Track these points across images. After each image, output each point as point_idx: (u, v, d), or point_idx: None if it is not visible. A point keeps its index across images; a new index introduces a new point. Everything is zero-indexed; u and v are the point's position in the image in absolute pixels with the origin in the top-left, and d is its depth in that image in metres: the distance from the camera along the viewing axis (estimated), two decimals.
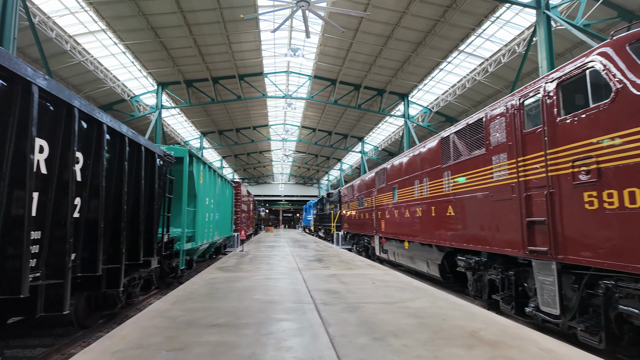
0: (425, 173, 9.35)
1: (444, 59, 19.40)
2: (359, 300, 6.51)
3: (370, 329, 4.84)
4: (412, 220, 9.99)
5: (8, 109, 3.11)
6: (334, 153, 45.56)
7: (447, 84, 22.38)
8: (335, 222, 23.26)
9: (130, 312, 7.49)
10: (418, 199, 9.64)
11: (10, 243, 3.17)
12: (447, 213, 8.28)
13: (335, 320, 5.23)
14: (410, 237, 10.05)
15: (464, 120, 7.92)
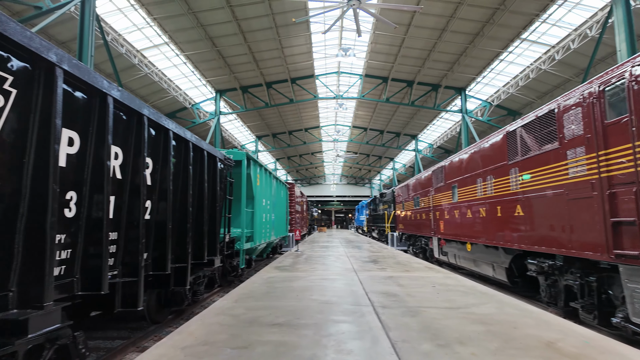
0: (488, 171, 8.79)
1: (505, 48, 18.21)
2: (419, 304, 6.28)
3: (434, 334, 4.62)
4: (474, 220, 9.46)
5: (88, 119, 3.38)
6: (386, 152, 44.79)
7: (509, 75, 20.99)
8: (390, 222, 22.81)
9: (195, 309, 7.88)
10: (481, 198, 9.10)
11: (91, 243, 3.43)
12: (514, 213, 7.72)
13: (395, 325, 5.08)
14: (473, 238, 9.52)
15: (532, 113, 7.33)
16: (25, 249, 2.72)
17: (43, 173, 2.73)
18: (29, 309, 2.71)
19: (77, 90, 3.25)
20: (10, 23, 2.44)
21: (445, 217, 11.43)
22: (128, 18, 15.32)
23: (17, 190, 2.66)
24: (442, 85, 23.21)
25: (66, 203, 3.14)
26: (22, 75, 2.69)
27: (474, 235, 9.50)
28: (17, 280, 2.70)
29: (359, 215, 45.08)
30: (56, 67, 2.81)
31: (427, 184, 13.74)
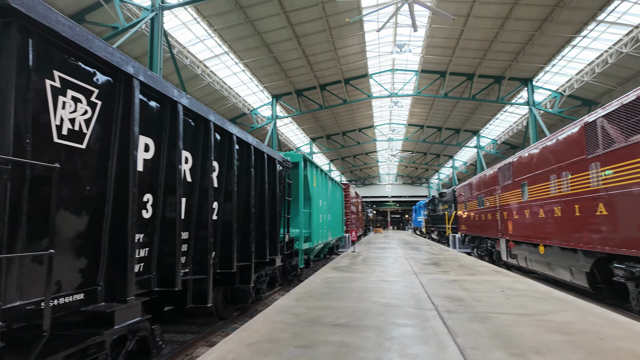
0: (564, 166, 8.04)
1: (577, 33, 16.63)
2: (487, 310, 5.93)
3: (506, 342, 4.31)
4: (548, 221, 8.71)
5: (161, 126, 3.63)
6: (445, 150, 43.08)
7: (583, 61, 19.12)
8: (451, 223, 21.85)
9: (258, 307, 8.13)
10: (555, 196, 8.36)
11: (166, 242, 3.67)
12: (596, 212, 6.98)
13: (462, 330, 4.82)
14: (546, 240, 8.78)
15: (617, 101, 6.58)
16: (110, 248, 2.97)
17: (124, 177, 2.97)
18: (114, 302, 2.95)
19: (151, 100, 3.50)
20: (96, 41, 2.69)
21: (514, 218, 10.68)
22: (191, 31, 16.33)
23: (102, 193, 2.92)
24: (505, 77, 21.79)
25: (143, 205, 3.39)
26: (105, 87, 2.95)
27: (547, 237, 8.76)
28: (104, 276, 2.96)
29: (417, 216, 43.80)
30: (134, 78, 3.04)
31: (492, 182, 12.94)
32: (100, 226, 2.89)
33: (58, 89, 2.49)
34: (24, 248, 2.31)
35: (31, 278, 2.38)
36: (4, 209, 2.19)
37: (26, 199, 2.31)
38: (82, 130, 2.69)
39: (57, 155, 2.49)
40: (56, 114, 2.47)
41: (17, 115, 2.22)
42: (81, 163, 2.69)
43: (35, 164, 2.28)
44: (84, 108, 2.70)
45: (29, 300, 2.37)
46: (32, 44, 2.31)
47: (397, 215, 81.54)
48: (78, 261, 2.74)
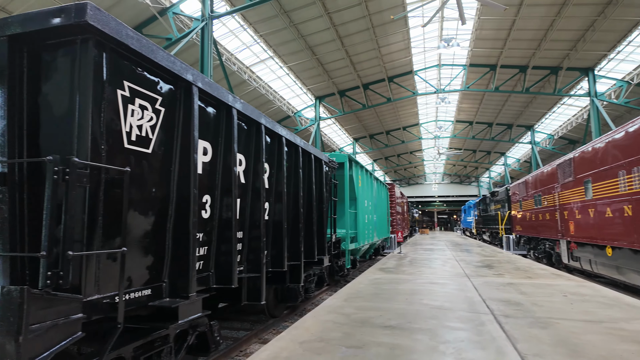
0: (635, 161, 7.34)
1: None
2: (548, 315, 5.60)
3: (573, 351, 4.03)
4: (616, 220, 8.01)
5: (217, 130, 3.79)
6: (496, 146, 41.08)
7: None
8: (504, 224, 20.78)
9: (307, 306, 8.24)
10: (625, 194, 7.65)
11: (222, 241, 3.82)
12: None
13: (522, 336, 4.58)
14: (615, 241, 8.07)
15: None
16: (173, 246, 3.15)
17: (186, 179, 3.14)
18: (177, 298, 3.12)
19: (208, 105, 3.68)
20: (159, 51, 2.87)
21: (576, 217, 9.93)
22: (238, 38, 16.91)
23: (166, 194, 3.10)
24: (563, 68, 20.36)
25: (203, 205, 3.56)
26: (168, 95, 3.14)
27: (616, 238, 8.05)
28: (168, 273, 3.14)
29: (466, 217, 42.13)
30: (193, 85, 3.21)
31: (550, 180, 12.13)
32: (164, 226, 3.08)
33: (127, 98, 2.69)
34: (100, 246, 2.51)
35: (106, 274, 2.59)
36: (84, 210, 2.39)
37: (102, 201, 2.52)
38: (148, 136, 2.88)
39: (127, 159, 2.69)
40: (126, 121, 2.67)
41: (94, 124, 2.42)
42: (148, 166, 2.89)
43: (109, 168, 2.47)
44: (150, 115, 2.89)
45: (105, 294, 2.57)
46: (106, 57, 2.52)
47: (445, 216, 78.96)
48: (145, 259, 2.94)
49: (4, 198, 2.41)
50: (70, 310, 2.26)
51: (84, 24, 2.28)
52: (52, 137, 2.49)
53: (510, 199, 19.79)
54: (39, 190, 2.51)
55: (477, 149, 43.42)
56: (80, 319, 2.33)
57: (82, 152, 2.37)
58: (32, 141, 2.51)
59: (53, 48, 2.50)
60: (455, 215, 71.73)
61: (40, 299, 2.05)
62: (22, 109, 2.48)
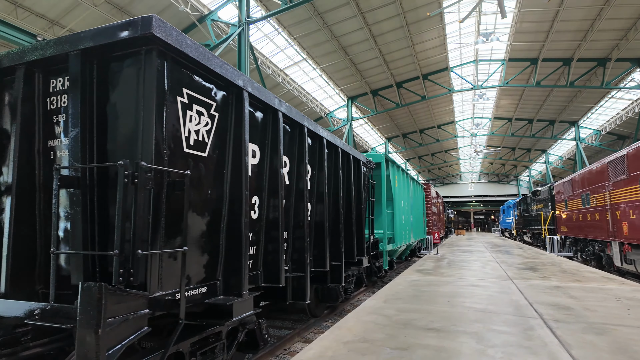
0: None
1: None
2: (603, 321, 5.33)
3: (634, 359, 3.81)
4: None
5: (265, 133, 3.90)
6: (537, 144, 39.31)
7: None
8: (547, 224, 19.85)
9: (346, 306, 8.25)
10: None
11: (270, 241, 3.92)
12: None
13: (576, 342, 4.39)
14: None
15: None
16: (226, 245, 3.27)
17: (237, 181, 3.25)
18: (230, 296, 3.23)
19: (257, 109, 3.79)
20: (214, 58, 3.00)
21: (631, 217, 9.33)
22: (273, 42, 17.21)
23: (220, 196, 3.23)
24: (612, 59, 19.20)
25: (252, 206, 3.67)
26: (221, 100, 3.26)
27: None
28: (221, 272, 3.26)
29: (505, 217, 40.58)
30: (243, 90, 3.32)
31: (600, 178, 11.46)
32: (218, 226, 3.20)
33: (186, 105, 2.83)
34: (162, 245, 2.66)
35: (168, 272, 2.73)
36: (149, 211, 2.54)
37: (164, 202, 2.66)
38: (204, 140, 3.01)
39: (186, 163, 2.83)
40: (185, 126, 2.81)
41: (157, 130, 2.56)
42: (204, 169, 3.02)
43: (171, 171, 2.61)
44: (206, 120, 3.02)
45: (167, 291, 2.71)
46: (167, 66, 2.66)
47: (481, 216, 76.41)
48: (202, 257, 3.07)
49: (78, 201, 2.60)
50: (138, 305, 2.40)
51: (149, 35, 2.42)
52: (119, 142, 2.66)
53: (554, 199, 18.86)
54: (106, 193, 2.69)
55: (517, 146, 41.73)
56: (147, 315, 2.47)
57: (147, 156, 2.51)
58: (101, 147, 2.69)
59: (119, 59, 2.68)
60: (492, 216, 69.28)
61: (114, 294, 2.20)
62: (92, 117, 2.67)
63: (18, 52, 2.88)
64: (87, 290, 2.03)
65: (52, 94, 2.90)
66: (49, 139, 2.92)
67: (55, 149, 2.89)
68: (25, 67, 2.86)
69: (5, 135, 3.04)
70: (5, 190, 2.99)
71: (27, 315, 2.47)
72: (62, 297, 2.59)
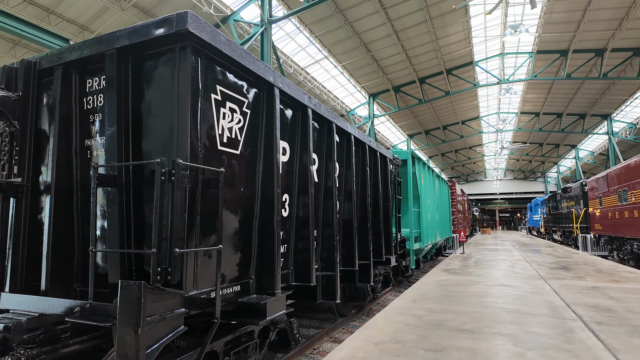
0: None
1: None
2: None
3: None
4: None
5: (294, 130, 3.85)
6: (566, 139, 37.88)
7: None
8: (579, 222, 19.08)
9: (373, 306, 8.14)
10: None
11: (300, 239, 3.87)
12: None
13: (622, 346, 4.16)
14: None
15: None
16: (259, 243, 3.23)
17: (269, 179, 3.22)
18: (263, 294, 3.20)
19: (287, 106, 3.74)
20: (247, 55, 2.97)
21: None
22: (295, 41, 17.20)
23: (252, 194, 3.20)
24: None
25: (282, 204, 3.63)
26: (253, 97, 3.23)
27: None
28: (254, 270, 3.23)
29: (532, 215, 39.31)
30: (274, 87, 3.28)
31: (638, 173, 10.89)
32: (251, 224, 3.17)
33: (220, 102, 2.81)
34: (198, 244, 2.64)
35: (203, 270, 2.71)
36: (185, 209, 2.52)
37: (199, 201, 2.64)
38: (237, 138, 2.98)
39: (220, 160, 2.80)
40: (219, 124, 2.78)
41: (192, 127, 2.55)
42: (237, 167, 2.99)
43: (206, 169, 2.59)
44: (238, 117, 2.99)
45: (202, 289, 2.70)
46: (201, 63, 2.64)
47: (507, 214, 74.36)
48: (235, 256, 3.05)
49: (114, 199, 2.61)
50: (175, 304, 2.39)
51: (184, 31, 2.40)
52: (154, 141, 2.66)
53: (586, 195, 18.10)
54: (142, 192, 2.70)
55: (544, 142, 40.34)
56: (183, 314, 2.46)
57: (182, 154, 2.50)
58: (137, 146, 2.70)
59: (154, 57, 2.68)
60: (519, 214, 67.36)
61: (153, 293, 2.19)
62: (127, 116, 2.68)
63: (56, 53, 2.93)
64: (127, 288, 2.03)
65: (89, 93, 2.93)
66: (86, 138, 2.95)
67: (92, 148, 2.92)
68: (63, 68, 2.90)
69: (44, 136, 3.09)
70: (44, 190, 3.05)
71: (67, 313, 2.49)
72: (100, 295, 2.61)
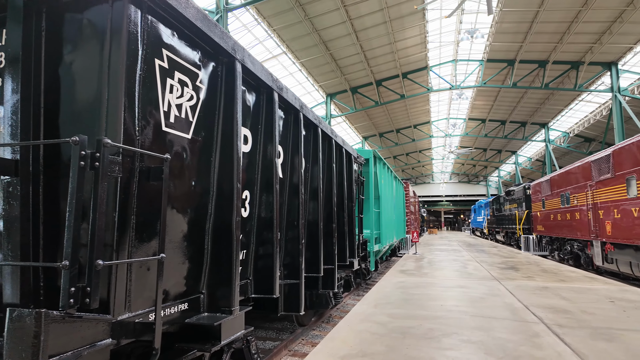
0: None
1: None
2: (607, 325, 5.14)
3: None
4: None
5: (258, 115, 3.30)
6: (508, 145, 40.30)
7: None
8: (522, 224, 20.15)
9: (333, 312, 7.74)
10: None
11: (262, 244, 3.32)
12: None
13: (590, 351, 4.09)
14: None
15: None
16: (212, 250, 2.66)
17: (228, 171, 2.66)
18: (217, 312, 2.63)
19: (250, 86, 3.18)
20: (203, 17, 2.38)
21: (615, 217, 9.34)
22: (252, 33, 16.43)
23: (206, 189, 2.62)
24: (585, 62, 19.66)
25: (242, 202, 3.07)
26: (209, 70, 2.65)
27: None
28: (206, 283, 2.65)
29: (476, 216, 41.40)
30: (236, 61, 2.72)
31: (582, 178, 11.52)
32: (203, 226, 2.59)
33: (166, 70, 2.20)
34: (132, 252, 2.03)
35: (139, 287, 2.10)
36: (114, 206, 1.90)
37: (135, 196, 2.03)
38: (188, 118, 2.39)
39: (165, 145, 2.20)
40: (164, 98, 2.18)
41: (128, 99, 1.93)
42: (188, 155, 2.40)
43: (146, 155, 1.98)
44: (190, 93, 2.40)
45: (137, 312, 2.09)
46: (143, 18, 2.03)
47: (451, 215, 78.08)
48: (183, 266, 2.45)
49: (15, 192, 1.92)
50: (97, 334, 1.78)
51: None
52: (76, 116, 2.00)
53: (529, 198, 19.15)
54: (57, 183, 2.02)
55: (488, 147, 42.67)
56: (109, 346, 1.85)
57: (112, 133, 1.88)
58: (51, 122, 2.02)
59: (79, 6, 2.01)
60: (462, 215, 70.87)
61: (61, 323, 1.57)
62: (39, 82, 2.00)
63: None
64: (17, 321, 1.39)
65: None
66: None
67: None
68: None
69: None
70: None
71: None
72: None
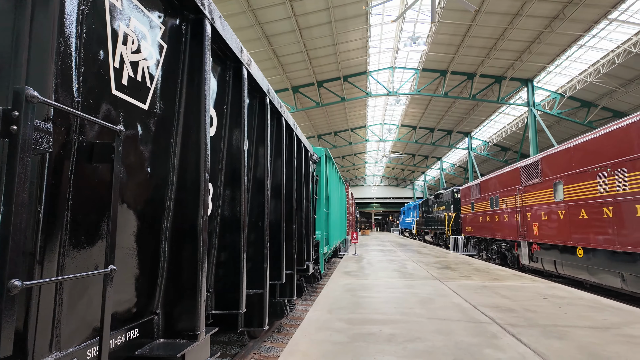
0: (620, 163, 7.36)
1: (587, 31, 16.40)
2: (552, 322, 5.40)
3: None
4: (592, 222, 8.12)
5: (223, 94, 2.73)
6: (434, 151, 42.99)
7: (586, 62, 19.00)
8: (451, 225, 21.39)
9: (283, 320, 7.23)
10: (605, 195, 7.73)
11: (226, 248, 2.76)
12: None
13: (547, 350, 4.18)
14: (590, 243, 8.20)
15: None
16: (171, 257, 2.06)
17: (192, 158, 2.07)
18: (176, 338, 2.04)
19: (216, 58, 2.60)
20: None
21: (542, 219, 10.13)
22: None
23: (164, 179, 2.01)
24: (507, 77, 21.52)
25: None
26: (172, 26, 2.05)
27: (591, 240, 8.19)
28: (161, 300, 2.05)
29: (405, 218, 43.48)
30: (205, 18, 2.14)
31: (511, 182, 12.40)
32: (159, 227, 1.98)
33: (120, 13, 1.58)
34: (64, 266, 1.39)
35: (72, 314, 1.47)
36: (39, 197, 1.27)
37: (71, 182, 1.40)
38: (145, 83, 1.77)
39: (116, 114, 1.57)
40: (116, 49, 1.56)
41: (63, 41, 1.31)
42: (143, 131, 1.78)
43: (89, 122, 1.37)
44: (149, 50, 1.80)
45: (69, 349, 1.45)
46: None
47: (380, 217, 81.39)
48: (131, 280, 1.83)
49: None
50: None
51: None
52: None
53: (457, 201, 20.37)
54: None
55: (417, 153, 45.11)
56: None
57: (39, 83, 1.25)
58: None
59: None
60: (391, 217, 74.16)
61: None
62: None
63: None
64: None
65: None
66: None
67: None
68: None
69: None
70: None
71: None
72: None
